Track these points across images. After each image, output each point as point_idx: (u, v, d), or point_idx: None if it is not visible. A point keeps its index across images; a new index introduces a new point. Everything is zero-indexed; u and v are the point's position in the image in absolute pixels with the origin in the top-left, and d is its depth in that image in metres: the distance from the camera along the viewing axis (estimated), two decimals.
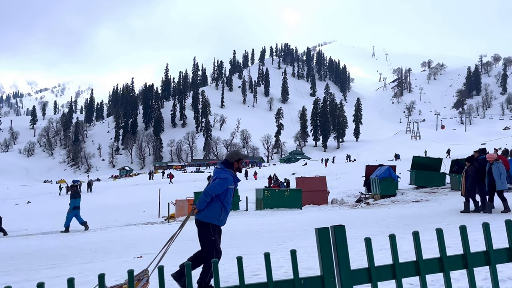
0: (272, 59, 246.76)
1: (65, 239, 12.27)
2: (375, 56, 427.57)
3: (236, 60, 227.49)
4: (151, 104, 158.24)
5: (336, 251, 1.89)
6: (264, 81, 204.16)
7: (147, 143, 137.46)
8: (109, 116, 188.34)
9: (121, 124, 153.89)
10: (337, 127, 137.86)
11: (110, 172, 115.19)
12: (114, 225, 17.63)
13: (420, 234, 6.41)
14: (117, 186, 55.94)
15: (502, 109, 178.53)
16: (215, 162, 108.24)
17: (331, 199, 21.67)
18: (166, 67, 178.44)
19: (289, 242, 8.31)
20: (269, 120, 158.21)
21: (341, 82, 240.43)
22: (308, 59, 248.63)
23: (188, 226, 13.28)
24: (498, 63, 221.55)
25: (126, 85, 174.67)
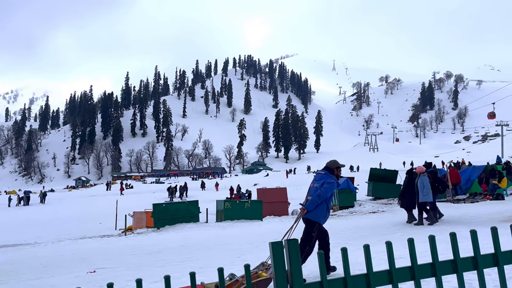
0: (235, 70, 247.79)
1: (13, 254, 11.62)
2: (336, 70, 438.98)
3: (199, 70, 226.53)
4: (110, 112, 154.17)
5: (290, 265, 1.90)
6: (227, 91, 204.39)
7: (105, 152, 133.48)
8: (65, 124, 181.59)
9: (78, 133, 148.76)
10: (298, 138, 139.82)
11: (65, 183, 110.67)
12: (67, 238, 16.93)
13: (375, 245, 6.56)
14: (73, 197, 53.86)
15: (454, 123, 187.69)
16: (176, 173, 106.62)
17: (291, 210, 21.85)
18: (127, 76, 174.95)
19: (248, 255, 8.27)
20: (232, 131, 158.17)
21: (302, 94, 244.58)
22: (271, 71, 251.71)
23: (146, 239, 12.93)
24: (450, 79, 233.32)
25: (84, 93, 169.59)
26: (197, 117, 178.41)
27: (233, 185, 41.16)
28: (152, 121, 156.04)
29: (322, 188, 5.35)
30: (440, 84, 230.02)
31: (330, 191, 5.40)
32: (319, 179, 5.50)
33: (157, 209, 17.71)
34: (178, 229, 15.85)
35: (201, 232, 13.70)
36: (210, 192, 45.81)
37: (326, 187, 5.35)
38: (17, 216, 31.45)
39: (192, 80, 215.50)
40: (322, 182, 5.40)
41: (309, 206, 5.37)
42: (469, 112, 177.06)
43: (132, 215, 20.18)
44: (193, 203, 18.72)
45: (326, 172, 5.53)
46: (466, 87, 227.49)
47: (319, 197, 5.32)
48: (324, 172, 5.56)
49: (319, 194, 5.33)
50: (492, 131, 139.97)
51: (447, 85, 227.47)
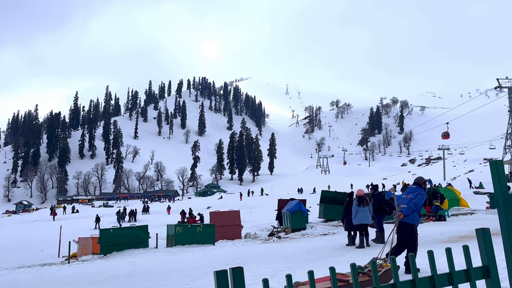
0: (189, 91, 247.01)
1: None
2: (288, 94, 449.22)
3: (152, 91, 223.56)
4: (57, 133, 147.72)
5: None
6: (181, 113, 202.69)
7: (50, 175, 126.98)
8: (6, 145, 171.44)
9: (21, 154, 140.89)
10: (252, 160, 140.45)
11: (5, 207, 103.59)
12: (3, 267, 15.73)
13: (324, 268, 6.60)
14: (13, 222, 50.46)
15: (400, 147, 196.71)
16: (125, 196, 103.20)
17: (244, 234, 21.70)
18: (76, 95, 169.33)
19: (198, 281, 8.08)
20: (185, 153, 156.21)
21: (256, 117, 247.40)
22: (226, 93, 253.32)
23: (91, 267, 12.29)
24: (396, 105, 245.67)
25: (29, 112, 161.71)
26: (150, 139, 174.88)
27: (186, 208, 40.38)
28: (102, 143, 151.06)
29: (417, 198, 6.59)
30: (387, 109, 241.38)
31: (422, 200, 6.68)
32: (412, 191, 6.75)
33: (104, 234, 16.95)
34: (126, 255, 15.22)
35: (150, 259, 13.24)
36: (161, 216, 44.65)
37: (420, 197, 6.63)
38: None
39: (144, 101, 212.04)
40: (416, 194, 6.64)
41: (406, 212, 6.55)
42: (414, 136, 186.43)
43: (77, 241, 19.18)
44: (143, 228, 18.13)
45: (417, 186, 6.81)
46: (411, 112, 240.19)
47: (415, 205, 6.55)
48: (415, 186, 6.84)
49: (415, 202, 6.56)
50: (435, 154, 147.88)
51: (394, 110, 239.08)
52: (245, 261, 10.29)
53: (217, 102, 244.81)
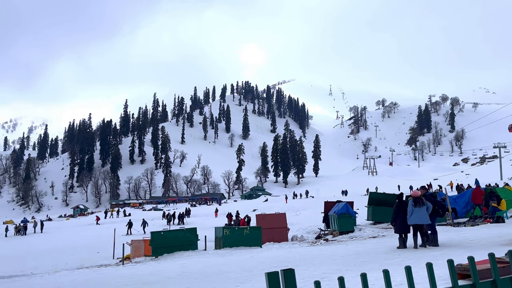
0: (233, 96, 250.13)
1: (8, 286, 11.42)
2: (332, 95, 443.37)
3: (197, 96, 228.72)
4: (109, 140, 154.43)
5: None
6: (225, 117, 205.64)
7: (104, 180, 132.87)
8: (64, 152, 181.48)
9: (77, 160, 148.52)
10: (297, 163, 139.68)
11: (63, 211, 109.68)
12: (64, 268, 16.66)
13: (375, 271, 6.48)
14: (70, 226, 53.33)
15: (451, 146, 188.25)
16: (174, 199, 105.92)
17: (291, 236, 21.64)
18: (125, 103, 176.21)
19: (247, 283, 8.15)
20: (230, 156, 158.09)
21: (300, 119, 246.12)
22: (268, 96, 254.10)
23: (144, 268, 12.73)
24: (446, 102, 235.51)
25: (83, 121, 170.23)
26: (196, 143, 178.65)
27: (232, 211, 40.88)
28: (151, 148, 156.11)
29: None
30: (437, 107, 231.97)
31: None
32: None
33: (155, 237, 17.52)
34: (176, 257, 15.64)
35: (199, 260, 13.52)
36: (209, 219, 45.48)
37: None
38: (14, 246, 31.05)
39: (190, 107, 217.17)
40: None
41: None
42: (466, 135, 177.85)
43: (130, 244, 19.95)
44: (192, 231, 18.54)
45: None
46: (462, 109, 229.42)
47: None
48: None
49: None
50: (490, 153, 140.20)
51: (443, 108, 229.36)
52: (293, 264, 10.26)
53: (260, 105, 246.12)
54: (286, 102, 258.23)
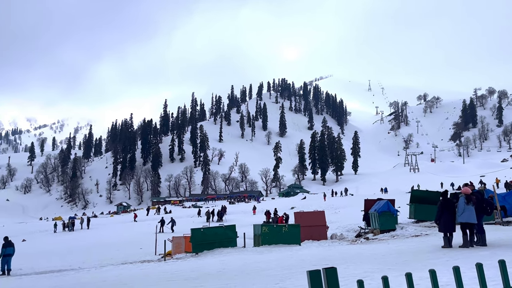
0: (269, 93, 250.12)
1: (58, 280, 11.98)
2: (371, 90, 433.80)
3: (234, 95, 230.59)
4: (150, 139, 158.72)
5: None
6: (262, 115, 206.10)
7: (145, 178, 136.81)
8: (107, 151, 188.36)
9: (119, 159, 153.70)
10: (335, 160, 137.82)
11: (107, 208, 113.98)
12: (109, 263, 17.29)
13: (420, 271, 6.30)
14: (114, 222, 55.26)
15: (499, 141, 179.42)
16: (213, 197, 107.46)
17: (330, 234, 21.39)
18: (165, 103, 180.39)
19: (287, 281, 8.13)
20: (267, 154, 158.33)
21: (338, 115, 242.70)
22: (305, 93, 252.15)
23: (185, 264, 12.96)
24: (493, 96, 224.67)
25: (125, 121, 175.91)
26: (233, 141, 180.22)
27: (270, 208, 40.93)
28: (190, 146, 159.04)
29: None
30: (483, 101, 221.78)
31: None
32: None
33: (195, 234, 17.83)
34: (216, 254, 15.86)
35: (239, 257, 13.63)
36: (247, 216, 45.75)
37: None
38: (62, 242, 32.57)
39: (227, 105, 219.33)
40: None
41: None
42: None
43: (171, 240, 20.40)
44: (231, 228, 18.71)
45: None
46: (511, 103, 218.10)
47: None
48: None
49: None
50: None
51: (490, 102, 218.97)
52: (333, 262, 10.14)
53: (297, 102, 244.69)
54: (323, 98, 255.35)
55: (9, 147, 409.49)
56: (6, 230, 49.95)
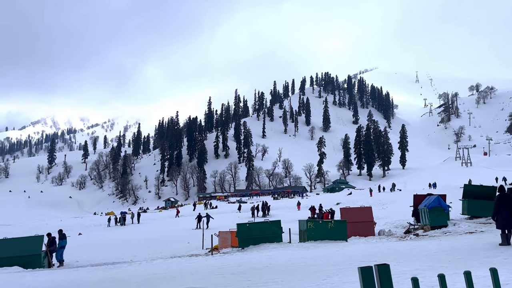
0: (312, 88, 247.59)
1: (112, 272, 12.53)
2: (419, 82, 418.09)
3: (276, 90, 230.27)
4: (195, 136, 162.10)
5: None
6: (305, 110, 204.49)
7: (191, 174, 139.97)
8: (155, 149, 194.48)
9: (167, 156, 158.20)
10: (382, 154, 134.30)
11: (156, 204, 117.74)
12: (159, 257, 17.87)
13: (476, 269, 6.04)
14: (163, 217, 56.98)
15: None
16: (257, 192, 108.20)
17: (378, 230, 20.92)
18: (209, 100, 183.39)
19: (334, 277, 8.05)
20: (311, 149, 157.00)
21: (384, 109, 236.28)
22: (349, 87, 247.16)
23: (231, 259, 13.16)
24: None
25: (171, 119, 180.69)
26: (276, 137, 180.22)
27: (315, 204, 40.60)
28: (234, 143, 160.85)
29: None
30: None
31: None
32: None
33: (241, 229, 18.03)
34: (262, 249, 15.96)
35: (285, 253, 13.64)
36: (291, 212, 45.68)
37: None
38: (115, 236, 34.04)
39: (270, 101, 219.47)
40: None
41: None
42: None
43: (218, 235, 20.76)
44: (276, 223, 18.76)
45: None
46: None
47: None
48: None
49: None
50: None
51: None
52: (382, 259, 9.91)
53: (341, 96, 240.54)
54: (368, 91, 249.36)
55: (65, 145, 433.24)
56: (64, 224, 52.90)
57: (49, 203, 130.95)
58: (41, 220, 77.99)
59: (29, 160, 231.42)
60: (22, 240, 17.22)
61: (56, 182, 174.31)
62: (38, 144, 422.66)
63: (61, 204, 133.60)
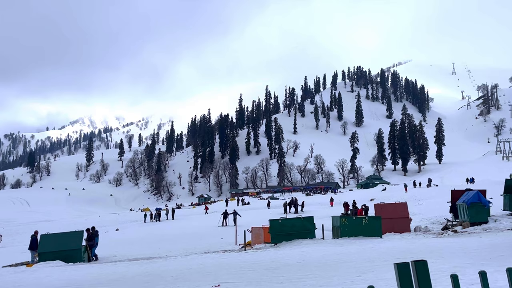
0: (344, 82, 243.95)
1: (148, 266, 12.84)
2: (456, 74, 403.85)
3: (307, 86, 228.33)
4: (227, 133, 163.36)
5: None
6: (337, 105, 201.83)
7: (224, 171, 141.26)
8: (188, 146, 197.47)
9: (199, 153, 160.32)
10: (417, 149, 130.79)
11: (189, 200, 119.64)
12: (193, 252, 18.15)
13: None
14: (197, 213, 57.82)
15: None
16: (289, 188, 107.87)
17: (413, 227, 20.43)
18: (240, 97, 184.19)
19: (369, 274, 7.92)
20: (344, 145, 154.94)
21: (419, 102, 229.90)
22: (383, 80, 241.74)
23: (264, 255, 13.19)
24: None
25: (203, 116, 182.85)
26: (308, 133, 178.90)
27: (348, 200, 40.07)
28: (265, 139, 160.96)
29: None
30: None
31: None
32: None
33: (274, 225, 18.04)
34: (295, 245, 15.92)
35: (318, 249, 13.55)
36: (324, 208, 45.30)
37: None
38: (151, 231, 34.84)
39: (301, 97, 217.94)
40: None
41: None
42: None
43: (251, 231, 20.87)
44: (309, 219, 18.66)
45: None
46: None
47: None
48: None
49: None
50: None
51: None
52: (418, 256, 9.66)
53: (374, 90, 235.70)
54: (402, 85, 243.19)
55: (102, 144, 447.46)
56: (102, 220, 54.71)
57: (87, 200, 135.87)
58: (80, 216, 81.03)
59: (68, 159, 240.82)
60: (63, 235, 17.94)
61: (94, 180, 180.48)
62: (77, 143, 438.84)
63: (99, 200, 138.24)
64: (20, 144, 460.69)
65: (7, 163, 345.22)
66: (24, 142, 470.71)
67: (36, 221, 66.90)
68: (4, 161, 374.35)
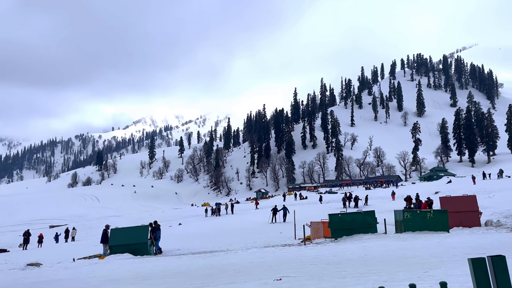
0: (403, 71, 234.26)
1: (211, 259, 13.21)
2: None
3: (364, 76, 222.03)
4: (282, 128, 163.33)
5: (496, 286, 1.61)
6: (396, 95, 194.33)
7: (280, 165, 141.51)
8: (244, 142, 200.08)
9: (256, 148, 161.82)
10: (485, 139, 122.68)
11: (247, 195, 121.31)
12: (253, 246, 18.39)
13: None
14: (254, 207, 58.47)
15: None
16: (347, 183, 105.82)
17: (484, 221, 19.24)
18: (295, 91, 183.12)
19: (437, 270, 7.58)
20: (404, 136, 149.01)
21: (487, 88, 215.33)
22: (445, 67, 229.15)
23: (325, 249, 13.05)
24: None
25: (258, 112, 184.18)
26: (366, 125, 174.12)
27: (411, 193, 38.55)
28: (321, 133, 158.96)
29: None
30: None
31: None
32: None
33: (333, 219, 17.81)
34: (355, 240, 15.62)
35: (380, 244, 13.19)
36: (385, 202, 43.98)
37: None
38: (212, 225, 35.81)
39: (358, 88, 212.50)
40: None
41: None
42: None
43: (310, 225, 20.76)
44: (370, 214, 18.21)
45: None
46: None
47: None
48: None
49: None
50: None
51: None
52: (492, 251, 9.08)
53: (436, 78, 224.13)
54: (467, 71, 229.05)
55: (163, 142, 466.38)
56: (165, 215, 57.05)
57: (151, 196, 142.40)
58: (145, 211, 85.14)
59: (133, 157, 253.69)
60: (131, 230, 18.96)
61: (157, 176, 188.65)
62: (140, 141, 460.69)
63: (162, 196, 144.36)
64: (89, 144, 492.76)
65: (78, 162, 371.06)
66: (92, 142, 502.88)
67: (105, 216, 71.32)
68: (76, 160, 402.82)
